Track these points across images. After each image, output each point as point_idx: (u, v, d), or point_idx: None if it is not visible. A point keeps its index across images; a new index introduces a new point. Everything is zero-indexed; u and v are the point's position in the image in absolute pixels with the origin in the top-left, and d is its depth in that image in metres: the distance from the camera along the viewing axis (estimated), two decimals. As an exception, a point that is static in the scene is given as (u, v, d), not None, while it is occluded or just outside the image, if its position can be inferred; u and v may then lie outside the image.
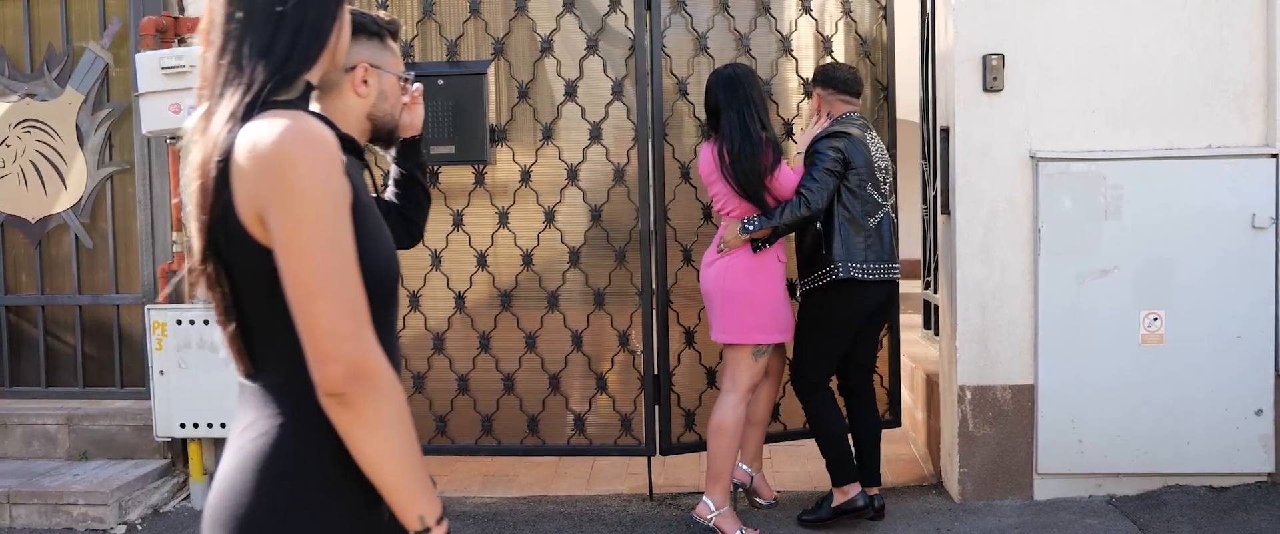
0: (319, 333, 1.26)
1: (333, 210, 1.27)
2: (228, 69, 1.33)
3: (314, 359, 1.26)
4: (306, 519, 1.32)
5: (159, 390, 4.13)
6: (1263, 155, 3.85)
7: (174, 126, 4.00)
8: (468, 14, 4.08)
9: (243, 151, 1.27)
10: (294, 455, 1.32)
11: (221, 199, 1.28)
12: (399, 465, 1.29)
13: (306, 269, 1.26)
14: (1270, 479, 3.97)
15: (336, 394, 1.27)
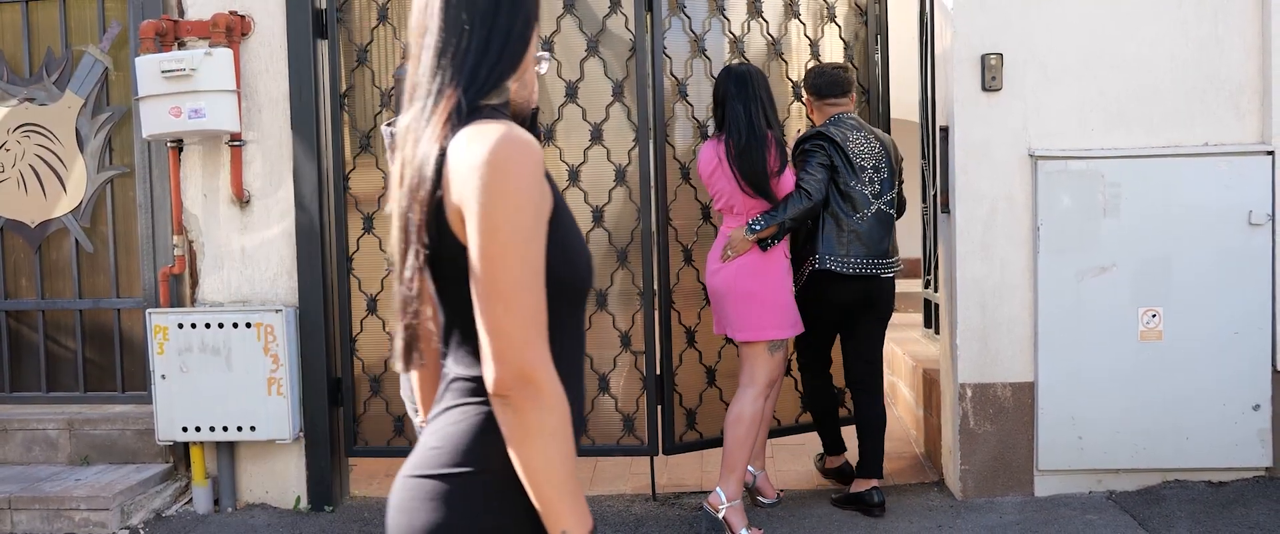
0: (494, 335, 1.31)
1: (532, 220, 1.32)
2: (446, 72, 1.39)
3: (486, 359, 1.32)
4: (489, 505, 1.37)
5: (160, 394, 4.13)
6: (1258, 153, 3.89)
7: (174, 130, 4.00)
8: (468, 16, 4.08)
9: (456, 155, 1.33)
10: (484, 443, 1.38)
11: (435, 198, 1.35)
12: (551, 476, 1.32)
13: (494, 273, 1.31)
14: (1268, 474, 4.01)
15: (502, 395, 1.32)
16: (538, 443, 1.32)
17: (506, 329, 1.30)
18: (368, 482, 4.55)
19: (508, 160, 1.31)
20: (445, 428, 1.41)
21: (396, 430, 4.21)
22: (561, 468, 1.32)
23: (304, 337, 4.14)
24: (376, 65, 4.15)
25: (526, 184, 1.31)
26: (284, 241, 4.17)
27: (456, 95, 1.38)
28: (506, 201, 1.30)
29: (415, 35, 1.43)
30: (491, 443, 1.37)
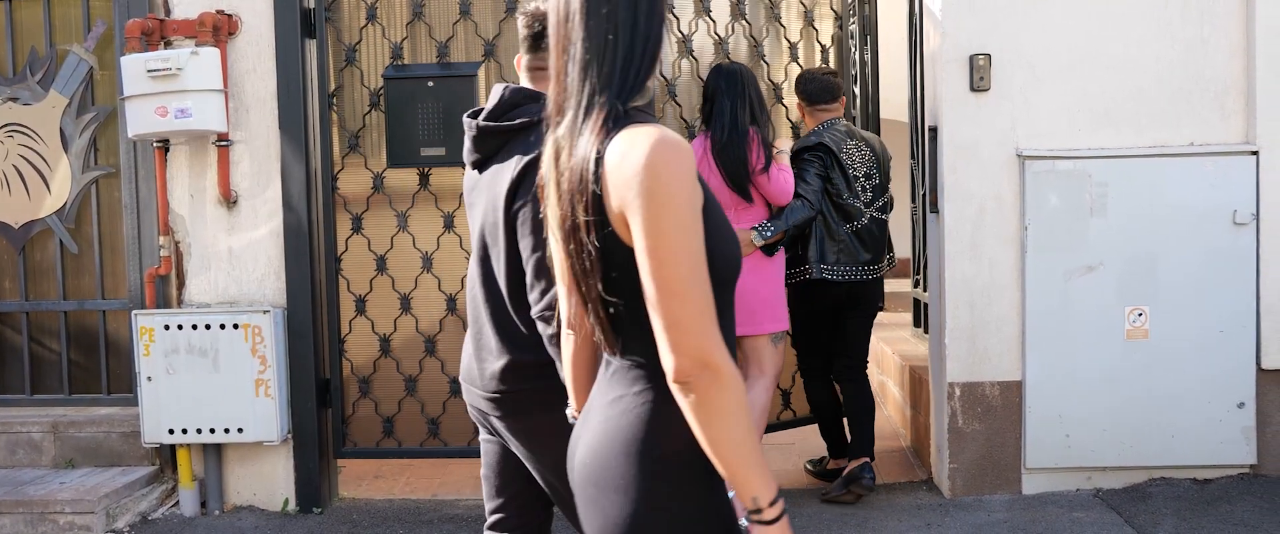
0: (671, 327, 1.40)
1: (692, 217, 1.41)
2: (595, 81, 1.48)
3: (665, 350, 1.41)
4: (671, 487, 1.47)
5: (146, 396, 4.10)
6: (1243, 153, 3.92)
7: (160, 130, 3.98)
8: (458, 15, 4.07)
9: (615, 159, 1.42)
10: (661, 429, 1.48)
11: (598, 200, 1.44)
12: (736, 450, 1.41)
13: (663, 271, 1.40)
14: (1252, 471, 4.05)
15: (684, 383, 1.41)
16: (723, 421, 1.40)
17: (682, 321, 1.39)
18: (356, 483, 4.53)
19: (666, 164, 1.40)
20: (618, 418, 1.51)
21: (386, 432, 4.19)
22: (746, 441, 1.41)
23: (292, 337, 4.12)
24: (365, 65, 4.13)
25: (685, 183, 1.40)
26: (272, 242, 4.15)
27: (608, 102, 1.47)
28: (669, 203, 1.39)
29: (557, 48, 1.52)
30: (665, 428, 1.47)
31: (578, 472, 1.55)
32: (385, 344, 4.17)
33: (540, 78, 2.23)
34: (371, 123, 4.13)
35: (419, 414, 4.18)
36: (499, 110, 2.20)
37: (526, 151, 2.13)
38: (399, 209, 4.14)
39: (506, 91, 2.21)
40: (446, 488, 4.45)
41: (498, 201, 2.15)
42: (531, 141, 2.14)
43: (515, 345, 2.16)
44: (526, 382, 2.16)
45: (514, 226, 2.12)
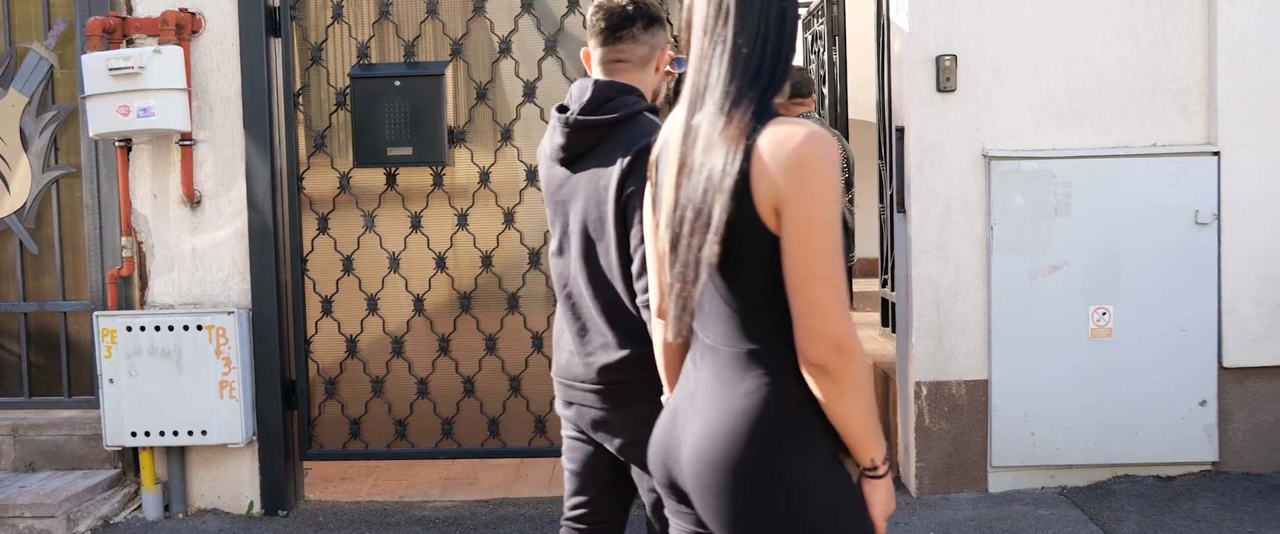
0: (814, 312, 1.49)
1: (837, 210, 1.51)
2: (745, 76, 1.55)
3: (805, 334, 1.50)
4: (807, 466, 1.55)
5: (108, 399, 4.04)
6: (1204, 153, 3.97)
7: (122, 129, 3.93)
8: (425, 15, 4.05)
9: (770, 149, 1.50)
10: (791, 412, 1.55)
11: (744, 192, 1.50)
12: (864, 422, 1.54)
13: (813, 258, 1.49)
14: (1214, 468, 4.09)
15: (819, 365, 1.50)
16: (854, 398, 1.52)
17: (827, 307, 1.48)
18: (323, 485, 4.49)
19: (823, 157, 1.50)
20: (741, 402, 1.56)
21: (352, 433, 4.16)
22: (870, 411, 1.54)
23: (257, 339, 4.08)
24: (331, 64, 4.10)
25: (835, 176, 1.50)
26: (236, 242, 4.11)
27: (757, 96, 1.54)
28: (824, 194, 1.49)
29: (702, 39, 1.59)
30: (798, 410, 1.55)
31: (696, 458, 1.59)
32: (352, 345, 4.14)
33: (617, 70, 2.27)
34: (338, 122, 4.10)
35: (386, 416, 4.15)
36: (593, 104, 2.20)
37: (629, 144, 2.16)
38: (366, 209, 4.11)
39: (596, 86, 2.22)
40: (414, 490, 4.42)
41: (605, 195, 2.18)
42: (632, 134, 2.17)
43: (631, 338, 2.19)
44: (640, 371, 2.17)
45: (624, 219, 2.15)
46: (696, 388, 1.64)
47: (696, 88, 1.59)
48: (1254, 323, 4.00)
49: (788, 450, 1.54)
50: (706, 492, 1.58)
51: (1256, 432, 4.07)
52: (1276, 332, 4.00)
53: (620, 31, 2.25)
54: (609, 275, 2.21)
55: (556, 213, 2.32)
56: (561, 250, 2.33)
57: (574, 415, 2.34)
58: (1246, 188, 3.97)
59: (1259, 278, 3.99)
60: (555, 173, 2.31)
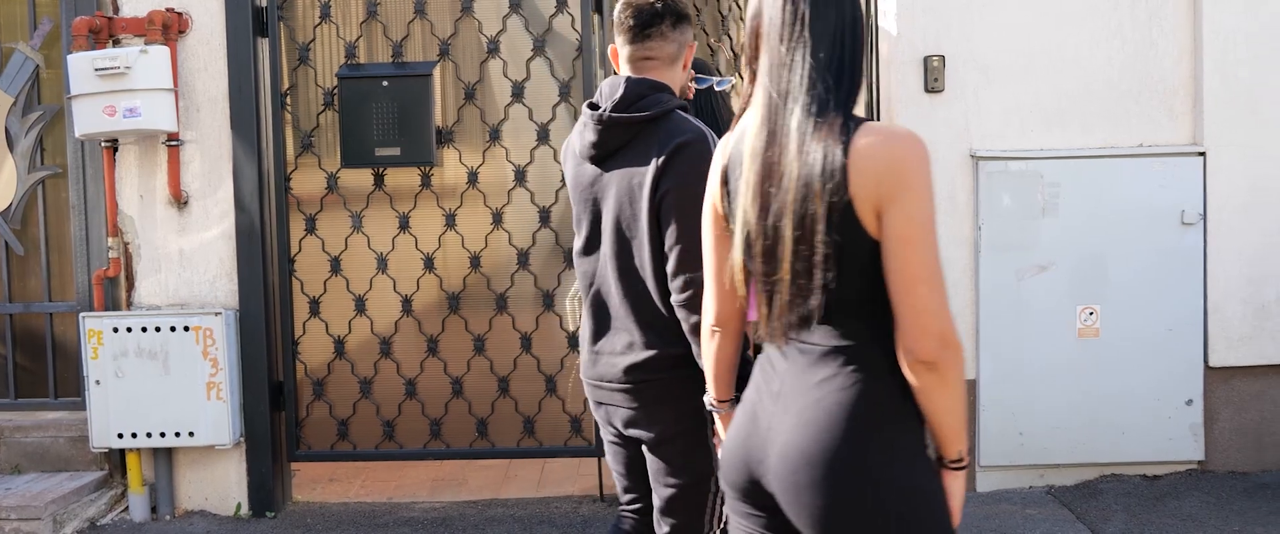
0: (921, 311, 1.54)
1: (934, 208, 1.56)
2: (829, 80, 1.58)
3: (914, 332, 1.55)
4: (898, 460, 1.59)
5: (95, 400, 4.03)
6: (1190, 153, 3.99)
7: (108, 129, 3.91)
8: (413, 15, 4.04)
9: (867, 156, 1.55)
10: (885, 407, 1.60)
11: (841, 195, 1.54)
12: (959, 414, 1.60)
13: (917, 258, 1.53)
14: (1200, 467, 4.11)
15: (928, 361, 1.55)
16: (954, 391, 1.58)
17: (932, 305, 1.53)
18: (311, 487, 4.48)
19: (921, 158, 1.56)
20: (832, 397, 1.60)
21: (340, 434, 4.15)
22: (963, 404, 1.60)
23: (244, 340, 4.07)
24: (319, 64, 4.09)
25: (929, 178, 1.56)
26: (223, 243, 4.10)
27: (842, 101, 1.59)
28: (926, 193, 1.55)
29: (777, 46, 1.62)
30: (890, 405, 1.60)
31: (792, 455, 1.61)
32: (340, 346, 4.13)
33: (646, 67, 2.28)
34: (325, 122, 4.09)
35: (374, 416, 4.14)
36: (626, 102, 2.21)
37: (663, 142, 2.17)
38: (353, 209, 4.10)
39: (628, 83, 2.23)
40: (402, 491, 4.41)
41: (638, 194, 2.18)
42: (665, 132, 2.18)
43: (660, 337, 2.20)
44: (666, 371, 2.20)
45: (659, 218, 2.15)
46: (781, 387, 1.66)
47: (775, 94, 1.61)
48: (1240, 323, 4.02)
49: (882, 445, 1.59)
50: (802, 488, 1.60)
51: (1242, 431, 4.09)
52: (1262, 331, 4.03)
53: (649, 29, 2.26)
54: (640, 274, 2.22)
55: (584, 210, 2.32)
56: (589, 249, 2.32)
57: (605, 416, 2.35)
58: (1232, 188, 3.99)
59: (1245, 278, 4.01)
60: (585, 170, 2.30)
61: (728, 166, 1.72)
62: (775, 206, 1.59)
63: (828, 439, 1.58)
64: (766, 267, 1.62)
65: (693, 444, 2.22)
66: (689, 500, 2.26)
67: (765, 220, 1.61)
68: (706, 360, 1.90)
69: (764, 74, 1.64)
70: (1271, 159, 3.99)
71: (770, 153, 1.60)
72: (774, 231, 1.60)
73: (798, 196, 1.56)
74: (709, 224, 1.80)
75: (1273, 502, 3.83)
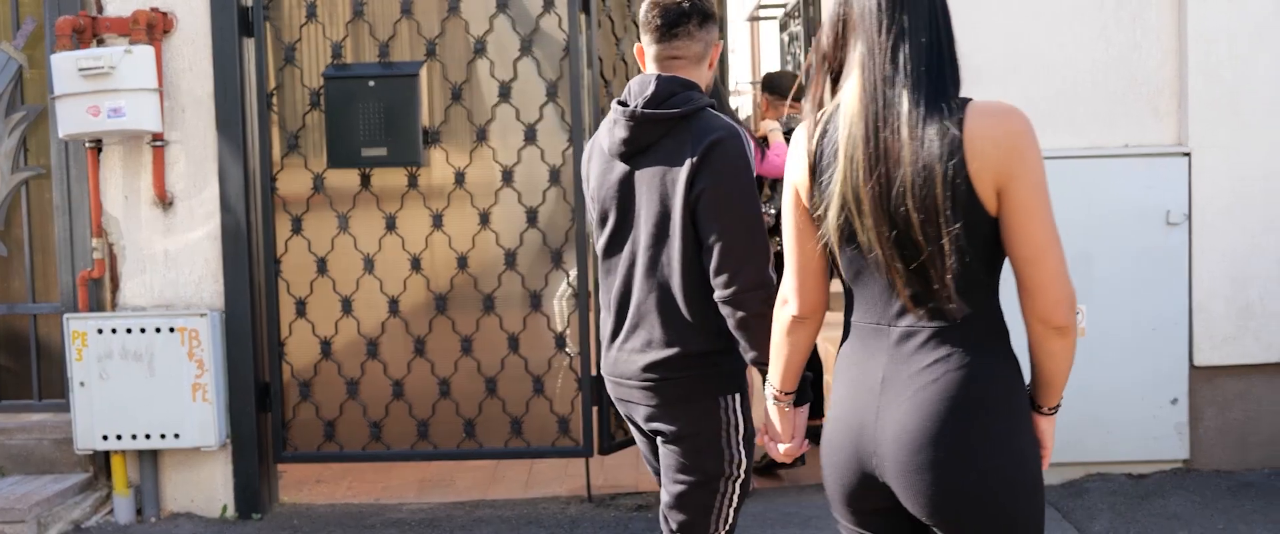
0: (1053, 278, 1.62)
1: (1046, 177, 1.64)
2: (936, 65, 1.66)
3: (1048, 299, 1.64)
4: (1019, 430, 1.68)
5: (79, 402, 4.00)
6: (1176, 154, 4.01)
7: (93, 129, 3.89)
8: (399, 15, 4.03)
9: (982, 133, 1.61)
10: (1003, 384, 1.67)
11: (961, 175, 1.60)
12: (1069, 369, 1.70)
13: (1043, 227, 1.61)
14: (1186, 466, 4.13)
15: (1060, 326, 1.65)
16: (1073, 352, 1.68)
17: (1061, 271, 1.62)
18: (297, 488, 4.46)
19: (1032, 129, 1.63)
20: (949, 376, 1.65)
21: (327, 436, 4.14)
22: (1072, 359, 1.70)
23: (230, 341, 4.05)
24: (305, 64, 4.07)
25: (1040, 151, 1.64)
26: (209, 244, 4.08)
27: (949, 81, 1.67)
28: (1040, 164, 1.62)
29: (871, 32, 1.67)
30: (1006, 379, 1.68)
31: (907, 441, 1.65)
32: (326, 347, 4.12)
33: (673, 66, 2.30)
34: (312, 123, 4.07)
35: (361, 417, 4.13)
36: (657, 99, 2.23)
37: (697, 141, 2.18)
38: (340, 210, 4.09)
39: (659, 81, 2.24)
40: (389, 492, 4.40)
41: (671, 191, 2.20)
42: (697, 130, 2.20)
43: (683, 335, 2.22)
44: (687, 369, 2.22)
45: (694, 215, 2.17)
46: (886, 374, 1.69)
47: (878, 80, 1.64)
48: (1224, 322, 4.04)
49: (999, 425, 1.65)
50: (924, 470, 1.63)
51: (1226, 430, 4.11)
52: (1246, 331, 4.05)
53: (676, 28, 2.27)
54: (667, 272, 2.23)
55: (610, 208, 2.32)
56: (613, 246, 2.33)
57: (626, 412, 2.37)
58: (1216, 189, 4.01)
59: (1229, 277, 4.03)
60: (614, 168, 2.31)
61: (815, 156, 1.73)
62: (894, 192, 1.62)
63: (947, 421, 1.63)
64: (888, 252, 1.65)
65: (706, 443, 2.25)
66: (697, 499, 2.27)
67: (884, 206, 1.63)
68: (780, 351, 1.91)
69: (862, 61, 1.67)
70: (1255, 160, 4.02)
71: (880, 139, 1.63)
72: (894, 216, 1.63)
73: (917, 180, 1.60)
74: (792, 216, 1.81)
75: (1256, 500, 3.85)
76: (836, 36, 1.73)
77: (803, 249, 1.80)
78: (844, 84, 1.72)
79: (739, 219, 2.15)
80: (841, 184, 1.66)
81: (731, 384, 2.26)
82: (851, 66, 1.69)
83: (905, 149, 1.60)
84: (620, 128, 2.27)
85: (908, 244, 1.63)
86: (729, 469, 2.26)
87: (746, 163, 2.19)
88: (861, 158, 1.64)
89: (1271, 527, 3.62)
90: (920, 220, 1.60)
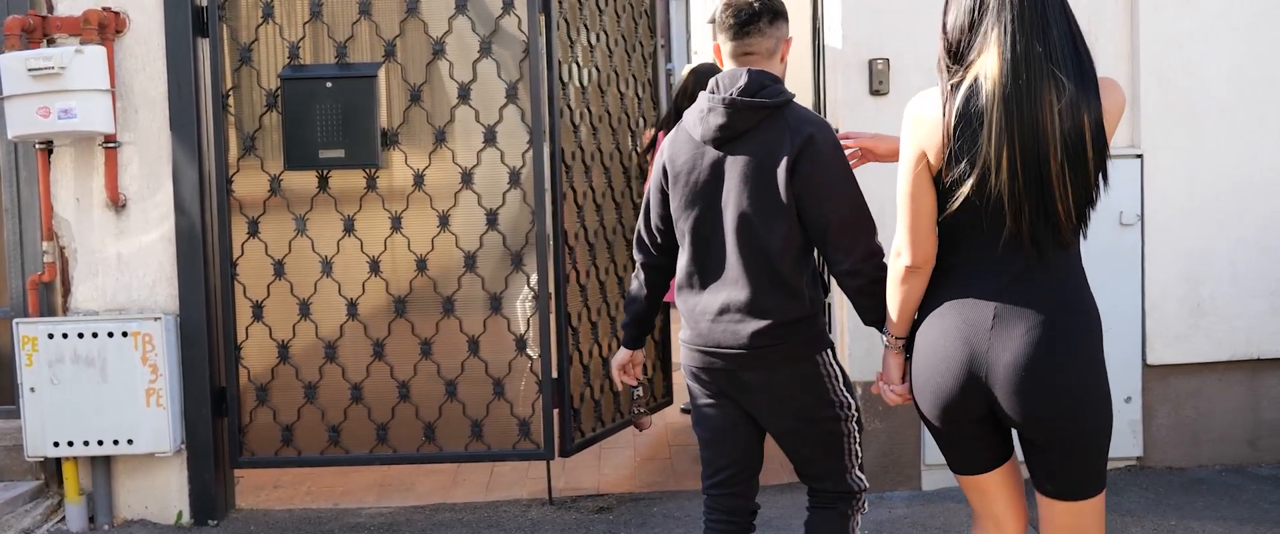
0: None
1: None
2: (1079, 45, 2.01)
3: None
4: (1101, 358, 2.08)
5: (30, 408, 3.93)
6: (1129, 156, 4.06)
7: (43, 131, 3.83)
8: (357, 15, 4.00)
9: (1114, 106, 2.01)
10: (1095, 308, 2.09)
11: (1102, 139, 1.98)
12: None
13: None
14: (1139, 463, 4.19)
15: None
16: None
17: None
18: (255, 493, 4.41)
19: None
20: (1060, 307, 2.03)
21: (284, 440, 4.09)
22: None
23: (185, 345, 4.00)
24: (262, 65, 4.03)
25: None
26: (163, 247, 4.02)
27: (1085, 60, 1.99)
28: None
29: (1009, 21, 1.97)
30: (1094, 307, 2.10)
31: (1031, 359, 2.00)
32: (283, 350, 4.07)
33: (747, 62, 2.49)
34: (268, 124, 4.03)
35: (319, 421, 4.08)
36: (751, 90, 2.42)
37: (795, 130, 2.40)
38: (297, 212, 4.04)
39: (750, 74, 2.43)
40: (349, 497, 4.36)
41: (770, 177, 2.39)
42: (791, 121, 2.41)
43: (784, 304, 2.43)
44: (791, 335, 2.44)
45: (798, 199, 2.38)
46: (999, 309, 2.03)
47: (1027, 54, 1.94)
48: (1177, 321, 4.11)
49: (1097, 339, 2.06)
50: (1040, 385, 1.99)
51: (1179, 427, 4.18)
52: (1197, 330, 4.11)
53: (748, 26, 2.47)
54: (766, 247, 2.41)
55: (702, 190, 2.48)
56: (704, 226, 2.49)
57: (717, 381, 2.53)
58: (1169, 190, 4.07)
59: (1181, 277, 4.10)
60: (705, 153, 2.47)
61: (955, 123, 2.00)
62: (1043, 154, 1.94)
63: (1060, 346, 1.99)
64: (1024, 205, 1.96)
65: (815, 398, 2.50)
66: (826, 447, 2.54)
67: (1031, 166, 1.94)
68: (898, 301, 2.18)
69: (1006, 39, 1.95)
70: (1207, 162, 4.08)
71: (1027, 109, 1.93)
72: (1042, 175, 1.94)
73: (1068, 143, 1.93)
74: (911, 175, 2.09)
75: (1208, 497, 3.92)
76: (972, 18, 2.02)
77: (919, 205, 2.08)
78: (978, 59, 2.00)
79: (846, 200, 2.41)
80: (989, 147, 1.95)
81: (825, 342, 2.51)
82: (989, 44, 1.98)
83: (1056, 117, 1.92)
84: (717, 115, 2.44)
85: (1047, 198, 1.95)
86: (843, 412, 2.53)
87: (840, 149, 2.46)
88: (1011, 125, 1.93)
89: (1222, 522, 3.68)
90: (1071, 178, 1.94)
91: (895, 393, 2.32)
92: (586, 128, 4.29)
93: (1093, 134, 1.94)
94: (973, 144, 1.98)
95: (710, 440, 2.62)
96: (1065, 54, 1.96)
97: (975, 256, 2.07)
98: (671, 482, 4.42)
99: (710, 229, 2.49)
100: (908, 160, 2.11)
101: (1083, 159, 1.95)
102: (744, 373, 2.48)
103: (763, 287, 2.43)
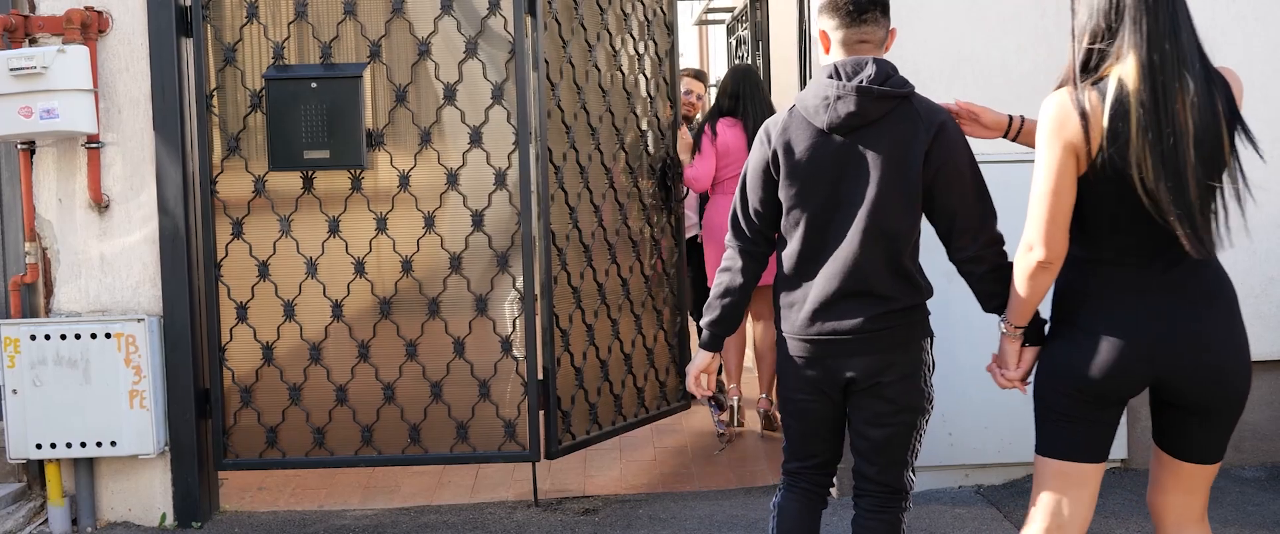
0: None
1: None
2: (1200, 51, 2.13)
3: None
4: None
5: (12, 410, 3.91)
6: (1113, 158, 4.07)
7: (25, 131, 3.80)
8: (342, 15, 3.98)
9: (1241, 101, 2.16)
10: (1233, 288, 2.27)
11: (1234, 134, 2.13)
12: None
13: None
14: (1123, 465, 4.21)
15: None
16: None
17: None
18: (239, 496, 4.39)
19: None
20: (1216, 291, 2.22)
21: (269, 442, 4.07)
22: None
23: (169, 347, 3.98)
24: (246, 65, 4.01)
25: None
26: (147, 248, 4.00)
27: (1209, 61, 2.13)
28: None
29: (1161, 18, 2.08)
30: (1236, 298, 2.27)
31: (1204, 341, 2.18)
32: (268, 352, 4.05)
33: (860, 50, 2.52)
34: (253, 125, 4.01)
35: (304, 423, 4.07)
36: (880, 78, 2.45)
37: (927, 120, 2.46)
38: (282, 213, 4.03)
39: (876, 62, 2.46)
40: (334, 498, 4.35)
41: (903, 164, 2.43)
42: (921, 111, 2.47)
43: (901, 290, 2.50)
44: (904, 319, 2.51)
45: (930, 188, 2.45)
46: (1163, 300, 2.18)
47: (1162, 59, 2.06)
48: (1160, 323, 4.12)
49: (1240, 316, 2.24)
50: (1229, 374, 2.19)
51: (1163, 429, 4.18)
52: (1182, 331, 4.13)
53: (865, 15, 2.49)
54: (891, 234, 2.46)
55: (824, 178, 2.49)
56: (825, 214, 2.50)
57: (825, 370, 2.55)
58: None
59: (1165, 279, 4.11)
60: (828, 142, 2.48)
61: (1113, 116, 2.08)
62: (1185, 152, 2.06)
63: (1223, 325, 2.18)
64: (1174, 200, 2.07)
65: (912, 384, 2.56)
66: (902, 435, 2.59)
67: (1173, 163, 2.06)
68: (1026, 294, 2.27)
69: (1145, 43, 2.06)
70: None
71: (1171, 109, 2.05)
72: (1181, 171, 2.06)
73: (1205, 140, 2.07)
74: (1054, 172, 2.17)
75: (1192, 498, 3.93)
76: (1111, 20, 2.10)
77: (1061, 202, 2.17)
78: (1117, 63, 2.10)
79: (975, 189, 2.48)
80: (1138, 147, 2.05)
81: (930, 329, 2.59)
82: (1127, 48, 2.08)
83: (1193, 116, 2.05)
84: (847, 102, 2.43)
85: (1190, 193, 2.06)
86: (926, 406, 2.60)
87: (966, 139, 2.52)
88: (1156, 124, 2.04)
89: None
90: (1206, 173, 2.07)
91: (1008, 378, 2.41)
92: (582, 128, 4.28)
93: (1232, 137, 2.10)
94: (1122, 144, 2.08)
95: (806, 432, 2.67)
96: (1196, 54, 2.09)
97: (1130, 253, 2.19)
98: (658, 484, 4.41)
99: (830, 215, 2.50)
100: (1053, 158, 2.17)
101: (1220, 161, 2.10)
102: (853, 357, 2.52)
103: (882, 273, 2.48)
